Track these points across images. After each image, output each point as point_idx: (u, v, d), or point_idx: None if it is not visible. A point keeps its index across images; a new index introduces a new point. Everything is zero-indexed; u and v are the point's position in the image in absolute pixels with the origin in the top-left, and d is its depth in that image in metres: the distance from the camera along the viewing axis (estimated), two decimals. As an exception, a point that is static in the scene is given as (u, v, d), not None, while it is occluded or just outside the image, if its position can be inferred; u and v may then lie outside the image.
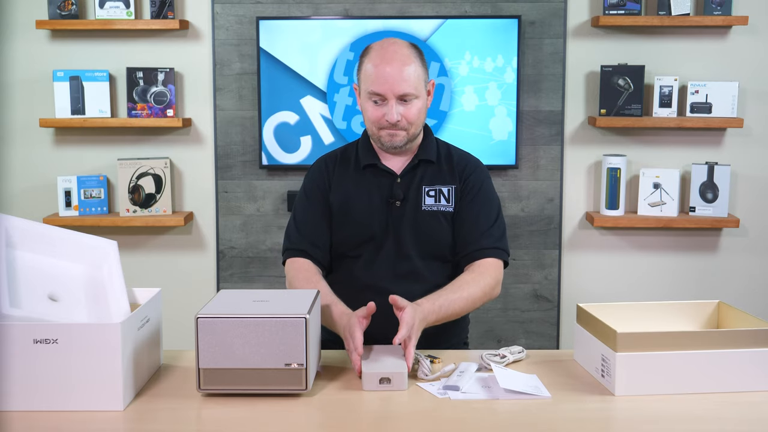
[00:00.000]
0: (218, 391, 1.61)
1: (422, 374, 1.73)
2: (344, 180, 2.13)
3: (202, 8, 3.48)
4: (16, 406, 1.55)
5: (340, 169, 2.14)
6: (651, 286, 3.57)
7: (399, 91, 1.98)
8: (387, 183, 2.10)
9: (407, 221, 2.07)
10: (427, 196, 2.08)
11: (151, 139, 3.54)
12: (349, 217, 2.09)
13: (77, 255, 1.74)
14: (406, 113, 2.01)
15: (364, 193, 2.10)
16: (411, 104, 2.01)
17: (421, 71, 2.03)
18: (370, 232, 2.07)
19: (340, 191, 2.12)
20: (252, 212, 3.57)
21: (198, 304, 2.78)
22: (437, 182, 2.10)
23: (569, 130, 3.53)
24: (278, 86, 3.44)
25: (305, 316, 1.59)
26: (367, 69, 2.02)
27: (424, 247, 2.06)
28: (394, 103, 1.99)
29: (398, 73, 1.98)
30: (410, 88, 1.99)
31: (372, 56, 2.02)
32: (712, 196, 3.43)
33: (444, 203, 2.08)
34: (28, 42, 3.47)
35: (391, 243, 2.07)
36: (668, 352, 1.63)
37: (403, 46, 2.03)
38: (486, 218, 2.09)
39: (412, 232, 2.07)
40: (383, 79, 1.98)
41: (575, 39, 3.47)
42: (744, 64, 3.46)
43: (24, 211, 3.46)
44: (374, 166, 2.11)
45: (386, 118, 2.00)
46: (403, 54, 2.00)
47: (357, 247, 2.08)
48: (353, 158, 2.15)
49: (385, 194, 2.09)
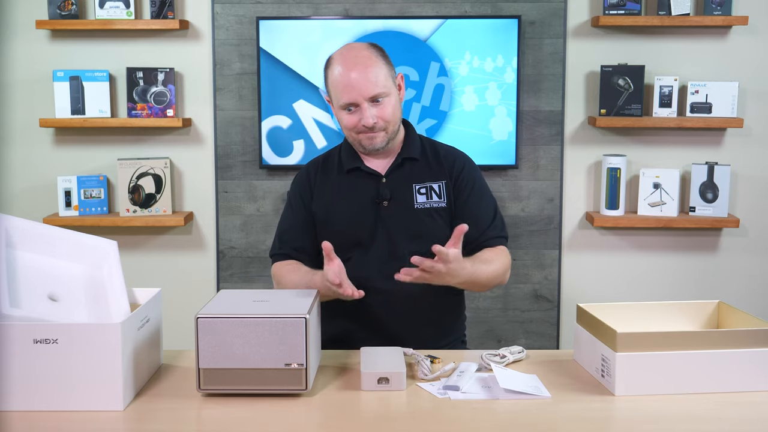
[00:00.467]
0: (218, 391, 1.61)
1: (422, 374, 1.73)
2: (327, 186, 2.13)
3: (202, 8, 3.48)
4: (16, 406, 1.55)
5: (323, 176, 2.15)
6: (651, 286, 3.57)
7: (368, 94, 1.98)
8: (372, 184, 2.10)
9: (397, 220, 2.07)
10: (418, 194, 2.08)
11: (151, 139, 3.54)
12: (335, 221, 2.10)
13: (77, 255, 1.74)
14: (380, 113, 2.01)
15: (349, 197, 2.10)
16: (383, 103, 2.01)
17: (386, 69, 2.03)
18: (358, 234, 2.07)
19: (324, 197, 2.12)
20: (252, 212, 3.57)
21: (198, 304, 2.78)
22: (427, 179, 2.10)
23: (569, 130, 3.53)
24: (278, 86, 3.44)
25: (305, 316, 1.59)
26: (334, 79, 2.02)
27: (416, 244, 2.06)
28: (367, 107, 2.00)
29: (363, 76, 1.98)
30: (379, 88, 1.99)
31: (334, 66, 2.03)
32: (712, 196, 3.43)
33: (436, 199, 2.09)
34: (28, 42, 3.47)
35: (382, 243, 2.07)
36: (668, 352, 1.63)
37: (362, 48, 2.04)
38: (486, 213, 2.11)
39: (404, 231, 2.07)
40: (351, 87, 1.99)
41: (575, 39, 3.47)
42: (744, 64, 3.46)
43: (24, 211, 3.46)
44: (358, 169, 2.11)
45: (362, 123, 2.01)
46: (363, 56, 2.01)
47: (346, 250, 2.07)
48: (336, 163, 2.16)
49: (372, 195, 2.09)
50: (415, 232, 2.07)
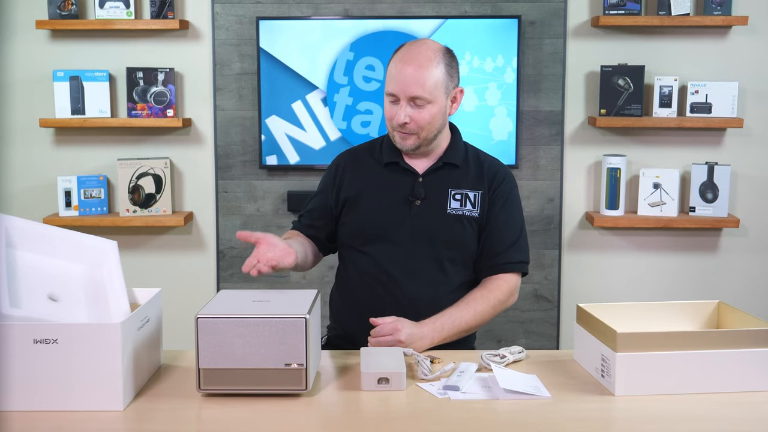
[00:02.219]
0: (218, 391, 1.61)
1: (422, 374, 1.73)
2: (361, 175, 2.12)
3: (202, 8, 3.48)
4: (16, 406, 1.55)
5: (358, 165, 2.14)
6: (651, 286, 3.57)
7: (410, 93, 1.96)
8: (408, 181, 2.08)
9: (426, 221, 2.05)
10: (453, 200, 2.06)
11: (151, 139, 3.54)
12: (364, 210, 2.08)
13: (77, 255, 1.74)
14: (415, 116, 1.98)
15: (383, 190, 2.09)
16: (423, 108, 1.98)
17: (443, 76, 1.99)
18: (384, 227, 2.06)
19: (354, 186, 2.11)
20: (252, 212, 3.57)
21: (198, 304, 2.78)
22: (464, 186, 2.08)
23: (569, 130, 3.53)
24: (278, 86, 3.44)
25: (305, 316, 1.59)
26: (390, 67, 2.01)
27: (441, 248, 2.05)
28: (405, 105, 1.97)
29: (413, 74, 1.95)
30: (423, 91, 1.95)
31: (397, 55, 2.01)
32: (712, 196, 3.43)
33: (470, 207, 2.06)
34: (28, 42, 3.47)
35: (407, 241, 2.05)
36: (668, 352, 1.63)
37: (429, 48, 1.99)
38: (512, 231, 2.10)
39: (431, 233, 2.05)
40: (397, 80, 1.97)
41: (575, 39, 3.47)
42: (744, 64, 3.46)
43: (24, 211, 3.46)
44: (396, 164, 2.10)
45: (395, 119, 1.99)
46: (424, 56, 1.97)
47: (368, 242, 2.07)
48: (376, 154, 2.14)
49: (406, 192, 2.07)
50: (442, 237, 2.05)
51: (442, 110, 2.02)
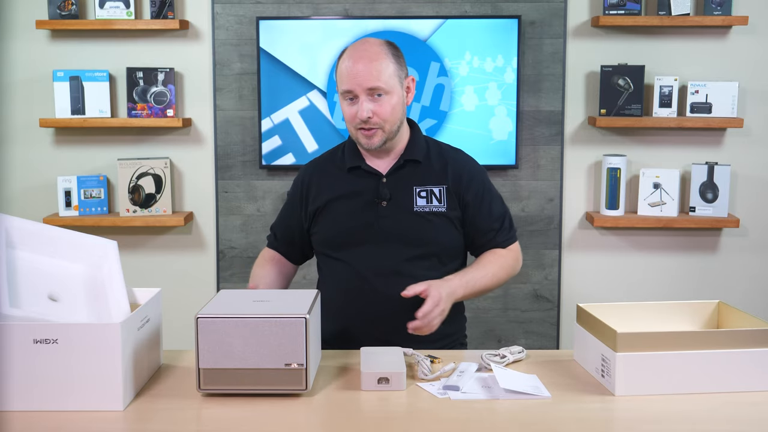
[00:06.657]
0: (218, 391, 1.61)
1: (422, 374, 1.73)
2: (326, 184, 2.14)
3: (202, 8, 3.48)
4: (16, 406, 1.55)
5: (322, 175, 2.16)
6: (651, 286, 3.57)
7: (366, 86, 1.98)
8: (372, 183, 2.09)
9: (395, 221, 2.06)
10: (418, 197, 2.08)
11: (151, 139, 3.54)
12: (333, 218, 2.10)
13: (77, 255, 1.74)
14: (377, 109, 2.00)
15: (348, 195, 2.10)
16: (382, 100, 2.00)
17: (394, 67, 2.02)
18: (354, 232, 2.07)
19: (321, 196, 2.13)
20: (252, 212, 3.57)
21: (198, 304, 2.77)
22: (428, 182, 2.09)
23: (569, 130, 3.53)
24: (278, 86, 3.44)
25: (305, 316, 1.59)
26: (340, 69, 2.04)
27: (412, 247, 2.06)
28: (364, 99, 1.99)
29: (366, 68, 1.98)
30: (379, 82, 1.98)
31: (344, 56, 2.04)
32: (712, 196, 3.43)
33: (436, 203, 2.08)
34: (28, 42, 3.47)
35: (377, 243, 2.06)
36: (668, 352, 1.63)
37: (374, 44, 2.04)
38: (497, 216, 2.14)
39: (400, 233, 2.06)
40: (352, 76, 1.99)
41: (575, 39, 3.47)
42: (744, 64, 3.46)
43: (24, 211, 3.46)
44: (359, 168, 2.11)
45: (358, 116, 2.00)
46: (372, 51, 2.01)
47: (340, 248, 2.08)
48: (339, 160, 2.16)
49: (371, 195, 2.08)
50: (412, 235, 2.06)
51: (400, 100, 2.05)
